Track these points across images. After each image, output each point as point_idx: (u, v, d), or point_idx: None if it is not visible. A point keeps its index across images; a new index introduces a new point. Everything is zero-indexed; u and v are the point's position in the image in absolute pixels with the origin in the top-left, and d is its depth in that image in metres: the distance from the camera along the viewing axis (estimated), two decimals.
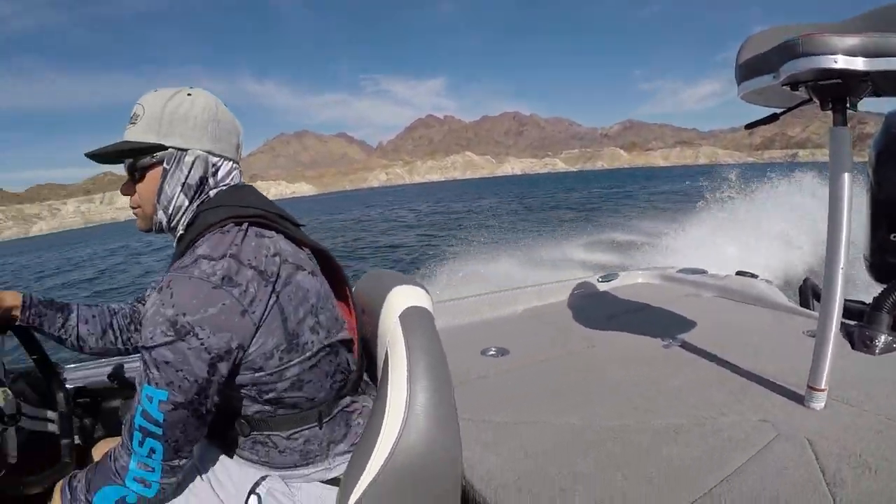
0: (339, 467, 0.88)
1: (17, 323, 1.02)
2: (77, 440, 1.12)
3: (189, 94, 0.84)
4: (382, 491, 0.75)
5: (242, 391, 0.80)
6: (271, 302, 0.75)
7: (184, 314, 0.70)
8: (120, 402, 1.39)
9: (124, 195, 0.88)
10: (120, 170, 0.88)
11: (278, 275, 0.77)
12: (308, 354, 0.80)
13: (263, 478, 0.87)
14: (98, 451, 1.11)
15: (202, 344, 0.70)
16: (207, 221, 0.81)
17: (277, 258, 0.78)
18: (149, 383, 0.73)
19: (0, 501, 0.99)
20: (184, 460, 0.80)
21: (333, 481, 0.88)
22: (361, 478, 0.76)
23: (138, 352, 1.12)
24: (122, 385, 1.36)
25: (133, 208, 0.89)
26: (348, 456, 0.88)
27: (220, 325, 0.71)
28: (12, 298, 1.01)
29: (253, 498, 0.85)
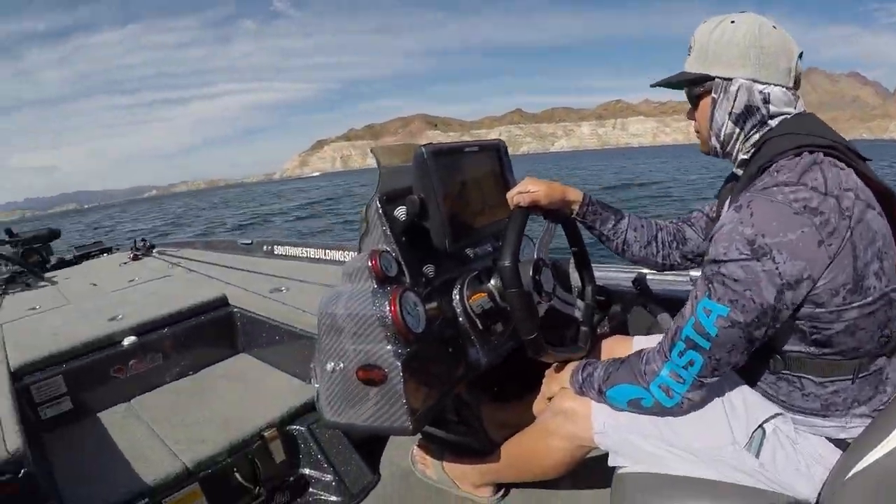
0: (852, 429, 0.82)
1: (572, 216, 1.12)
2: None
3: (732, 22, 0.83)
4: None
5: (796, 323, 0.78)
6: (846, 236, 0.72)
7: (763, 235, 0.71)
8: (626, 307, 1.45)
9: (688, 119, 0.94)
10: (630, 97, 0.69)
11: (853, 210, 0.74)
12: (869, 300, 0.75)
13: (776, 415, 0.86)
14: (605, 346, 1.20)
15: (777, 268, 0.70)
16: (778, 148, 0.80)
17: (851, 193, 0.75)
18: (710, 297, 0.75)
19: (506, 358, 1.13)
20: (715, 379, 0.81)
21: (840, 443, 0.83)
22: (878, 447, 0.70)
23: (672, 269, 1.20)
24: (641, 293, 1.40)
25: (696, 132, 0.94)
26: (867, 420, 0.82)
27: (797, 252, 0.70)
28: (574, 194, 1.11)
29: (758, 431, 0.85)
